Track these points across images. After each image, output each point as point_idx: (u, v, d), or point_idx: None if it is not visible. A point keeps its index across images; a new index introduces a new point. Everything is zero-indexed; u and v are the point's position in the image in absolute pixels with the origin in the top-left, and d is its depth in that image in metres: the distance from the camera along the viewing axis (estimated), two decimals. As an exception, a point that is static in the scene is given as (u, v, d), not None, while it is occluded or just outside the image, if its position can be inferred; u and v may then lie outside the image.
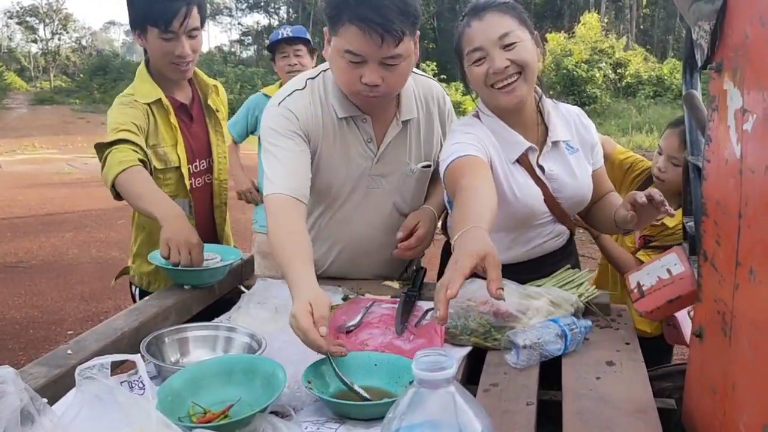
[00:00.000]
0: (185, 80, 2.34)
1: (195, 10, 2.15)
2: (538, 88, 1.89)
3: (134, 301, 2.40)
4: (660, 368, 1.80)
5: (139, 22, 2.17)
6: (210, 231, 2.44)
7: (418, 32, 1.78)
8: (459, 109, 18.97)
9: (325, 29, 1.79)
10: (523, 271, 1.89)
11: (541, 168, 1.88)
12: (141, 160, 2.06)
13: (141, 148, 2.11)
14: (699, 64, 1.26)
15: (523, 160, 1.87)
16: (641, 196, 1.69)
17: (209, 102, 2.42)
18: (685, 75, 1.62)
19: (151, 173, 2.11)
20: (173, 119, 2.27)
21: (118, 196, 2.03)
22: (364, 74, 1.71)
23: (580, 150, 1.94)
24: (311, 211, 2.04)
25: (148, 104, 2.22)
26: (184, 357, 1.55)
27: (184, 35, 2.15)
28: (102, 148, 2.09)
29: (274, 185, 1.79)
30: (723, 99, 1.15)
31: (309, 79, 1.93)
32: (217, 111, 2.45)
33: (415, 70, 1.95)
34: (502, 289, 1.26)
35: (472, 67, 1.78)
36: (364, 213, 2.03)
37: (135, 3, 2.17)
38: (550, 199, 1.89)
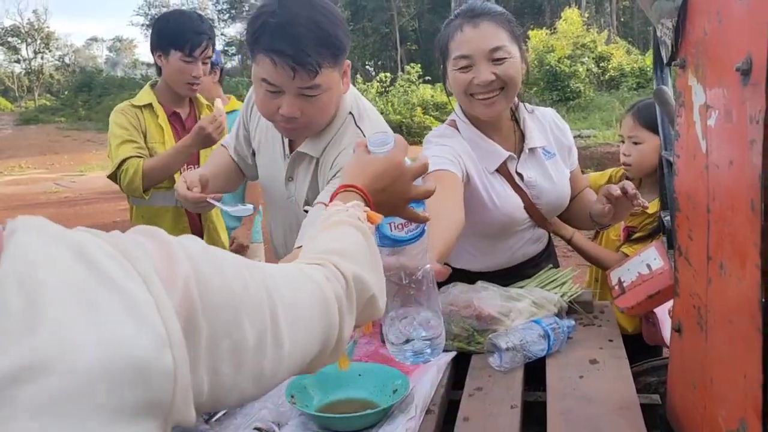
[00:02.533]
0: (187, 98, 2.74)
1: (210, 43, 2.62)
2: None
3: None
4: (645, 363, 1.81)
5: (165, 44, 2.57)
6: (199, 230, 2.73)
7: (348, 62, 1.67)
8: (446, 110, 19.00)
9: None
10: (505, 276, 1.90)
11: (520, 176, 1.89)
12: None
13: (140, 147, 2.55)
14: (664, 61, 1.27)
15: (501, 169, 1.87)
16: (615, 189, 1.72)
17: (202, 117, 2.68)
18: (656, 71, 1.63)
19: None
20: (161, 121, 2.64)
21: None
22: (282, 105, 1.62)
23: (557, 155, 1.95)
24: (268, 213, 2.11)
25: (140, 107, 2.63)
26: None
27: (200, 61, 2.59)
28: (114, 176, 2.53)
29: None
30: (688, 95, 1.16)
31: None
32: None
33: (365, 118, 1.77)
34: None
35: (456, 71, 1.78)
36: (286, 219, 1.95)
37: (162, 29, 2.59)
38: (530, 206, 1.90)
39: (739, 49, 0.90)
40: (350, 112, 1.76)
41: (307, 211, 1.76)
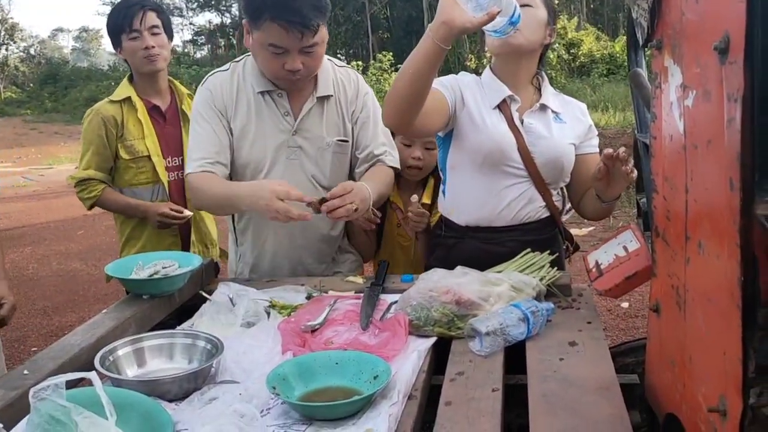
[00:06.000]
0: (158, 79, 2.67)
1: (146, 12, 2.58)
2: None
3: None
4: (623, 344, 1.83)
5: (114, 36, 2.60)
6: (186, 222, 2.67)
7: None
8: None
9: (244, 21, 1.99)
10: (492, 241, 1.97)
11: (522, 122, 1.97)
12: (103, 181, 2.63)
13: (105, 161, 2.62)
14: (640, 43, 1.28)
15: (503, 109, 1.96)
16: (609, 149, 1.73)
17: (183, 107, 2.71)
18: (630, 53, 1.64)
19: (113, 171, 2.65)
20: (141, 115, 2.62)
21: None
22: (287, 62, 1.93)
23: (567, 123, 2.02)
24: None
25: (119, 101, 2.62)
26: (142, 368, 1.51)
27: (146, 31, 2.56)
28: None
29: (190, 164, 2.05)
30: (665, 76, 1.17)
31: (233, 62, 2.16)
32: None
33: (337, 62, 2.20)
34: None
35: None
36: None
37: (108, 25, 2.63)
38: (523, 150, 1.94)
39: (716, 29, 0.91)
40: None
41: (329, 144, 2.11)
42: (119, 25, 2.58)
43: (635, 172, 1.74)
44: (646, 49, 1.34)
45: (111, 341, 1.52)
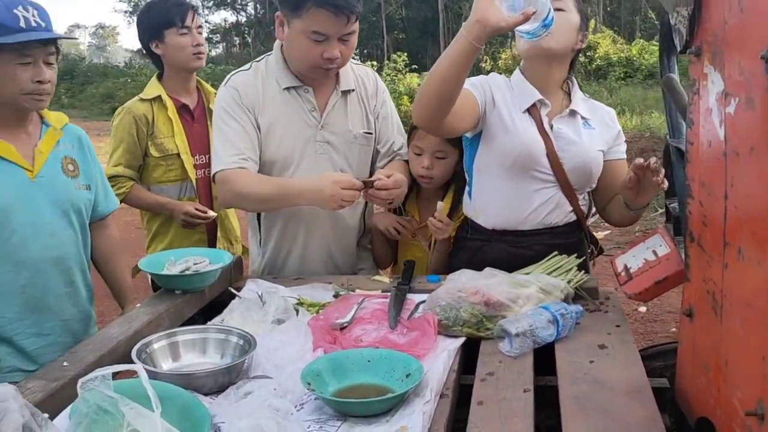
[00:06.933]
0: (190, 78, 2.73)
1: (195, 13, 2.68)
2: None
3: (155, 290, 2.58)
4: (649, 348, 1.84)
5: (156, 30, 2.60)
6: (212, 225, 2.73)
7: None
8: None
9: (278, 14, 2.02)
10: (520, 244, 1.97)
11: (551, 126, 1.97)
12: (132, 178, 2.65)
13: (135, 158, 2.64)
14: (678, 49, 1.29)
15: (533, 113, 1.97)
16: (640, 159, 1.71)
17: (210, 106, 2.69)
18: (663, 59, 1.65)
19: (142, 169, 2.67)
20: (171, 113, 2.65)
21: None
22: (326, 50, 1.97)
23: (596, 129, 2.01)
24: None
25: (150, 100, 2.64)
26: (176, 361, 1.54)
27: (194, 29, 2.64)
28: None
29: (221, 162, 2.06)
30: (704, 82, 1.18)
31: (254, 62, 2.20)
32: None
33: (352, 61, 2.22)
34: None
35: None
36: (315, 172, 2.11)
37: (149, 18, 2.65)
38: (552, 155, 1.94)
39: (762, 37, 0.92)
40: None
41: (356, 136, 2.17)
42: (169, 20, 2.60)
43: (666, 182, 1.71)
44: (682, 55, 1.35)
45: (146, 335, 1.55)
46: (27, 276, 1.75)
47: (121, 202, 2.67)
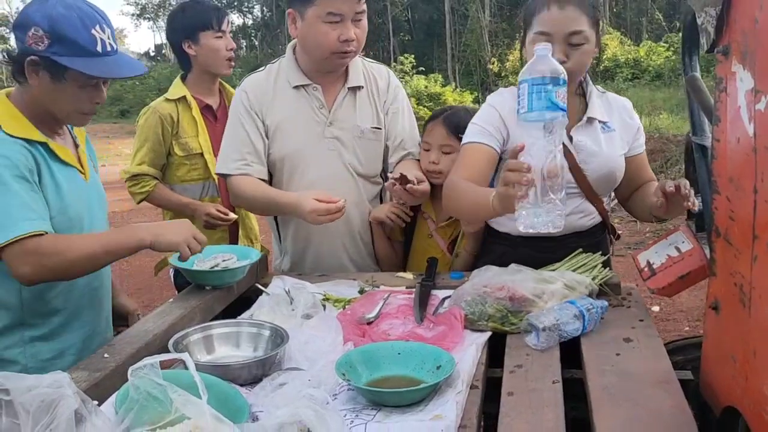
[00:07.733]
0: (216, 80, 2.81)
1: (228, 18, 2.78)
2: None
3: (176, 287, 2.71)
4: (670, 343, 1.87)
5: (191, 30, 2.67)
6: (234, 226, 2.80)
7: None
8: (440, 101, 19.00)
9: (290, 10, 2.11)
10: (546, 249, 1.95)
11: (570, 139, 1.95)
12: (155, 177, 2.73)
13: (158, 157, 2.71)
14: (705, 48, 1.32)
15: None
16: (670, 185, 1.66)
17: None
18: (684, 58, 1.67)
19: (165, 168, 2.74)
20: (195, 113, 2.73)
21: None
22: (342, 33, 2.05)
23: (616, 131, 2.00)
24: (280, 180, 2.23)
25: (174, 101, 2.71)
26: (211, 354, 1.58)
27: (228, 34, 2.73)
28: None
29: (226, 165, 2.19)
30: (732, 81, 1.21)
31: (270, 63, 2.29)
32: None
33: (367, 59, 2.33)
34: None
35: (532, 45, 1.77)
36: (327, 176, 2.18)
37: (183, 18, 2.70)
38: (576, 170, 1.94)
39: (793, 36, 0.95)
40: None
41: (364, 131, 2.22)
42: (206, 22, 2.67)
43: (697, 203, 1.66)
44: (708, 54, 1.38)
45: (180, 329, 1.59)
46: (92, 277, 1.77)
47: (144, 200, 2.73)
